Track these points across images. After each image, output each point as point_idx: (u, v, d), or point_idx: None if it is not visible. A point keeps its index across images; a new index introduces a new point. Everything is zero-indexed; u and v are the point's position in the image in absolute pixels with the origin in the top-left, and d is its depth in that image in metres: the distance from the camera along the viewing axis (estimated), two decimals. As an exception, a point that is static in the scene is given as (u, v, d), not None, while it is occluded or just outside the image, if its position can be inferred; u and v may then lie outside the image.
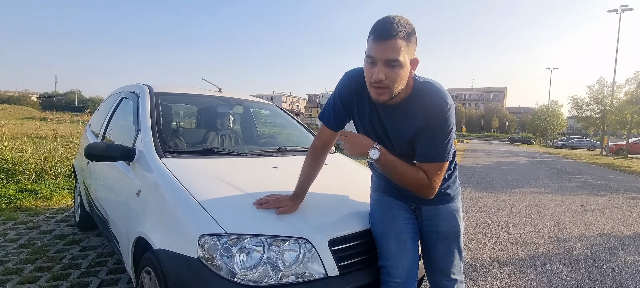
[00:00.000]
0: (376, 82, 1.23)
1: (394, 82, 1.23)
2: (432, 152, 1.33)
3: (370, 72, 1.24)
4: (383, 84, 1.23)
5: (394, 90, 1.25)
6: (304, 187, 1.56)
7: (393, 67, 1.20)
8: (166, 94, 2.50)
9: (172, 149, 1.98)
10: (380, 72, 1.21)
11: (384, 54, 1.19)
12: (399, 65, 1.20)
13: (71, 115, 15.69)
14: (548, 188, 8.03)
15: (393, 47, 1.18)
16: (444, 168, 1.37)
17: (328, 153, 1.66)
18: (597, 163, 16.96)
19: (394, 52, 1.18)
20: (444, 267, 1.56)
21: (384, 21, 1.20)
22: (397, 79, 1.22)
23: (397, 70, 1.21)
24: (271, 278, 1.30)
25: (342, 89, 1.46)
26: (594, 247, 3.85)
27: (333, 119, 1.51)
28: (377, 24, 1.22)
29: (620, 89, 25.66)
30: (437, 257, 1.56)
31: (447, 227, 1.53)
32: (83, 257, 2.81)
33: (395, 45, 1.18)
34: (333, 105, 1.50)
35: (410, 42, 1.22)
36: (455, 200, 1.57)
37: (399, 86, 1.25)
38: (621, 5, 26.48)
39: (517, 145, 41.61)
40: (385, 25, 1.19)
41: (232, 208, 1.46)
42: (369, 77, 1.25)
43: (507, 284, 2.83)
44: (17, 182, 4.94)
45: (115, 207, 2.17)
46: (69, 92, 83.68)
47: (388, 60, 1.19)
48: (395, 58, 1.19)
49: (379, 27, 1.20)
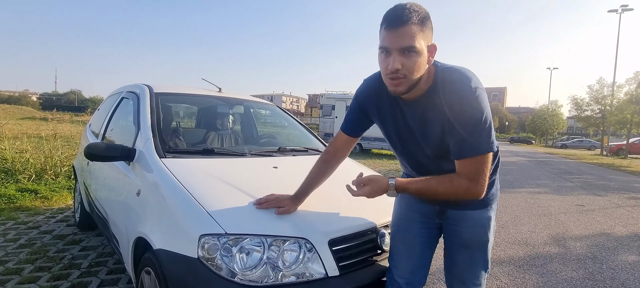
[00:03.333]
0: (393, 73, 1.15)
1: (411, 71, 1.14)
2: (466, 145, 1.19)
3: (386, 63, 1.16)
4: (400, 74, 1.14)
5: (412, 80, 1.16)
6: (307, 189, 1.54)
7: (409, 55, 1.12)
8: (166, 94, 2.50)
9: (172, 149, 1.98)
10: (396, 62, 1.13)
11: (397, 42, 1.11)
12: (415, 52, 1.12)
13: (71, 115, 15.68)
14: (548, 188, 8.03)
15: (407, 34, 1.10)
16: (486, 162, 1.20)
17: (340, 163, 1.60)
18: (597, 163, 16.95)
19: (408, 39, 1.11)
20: (462, 275, 1.46)
21: (395, 8, 1.13)
22: (415, 68, 1.14)
23: (414, 58, 1.13)
24: (271, 278, 1.29)
25: (360, 92, 1.42)
26: (594, 247, 3.85)
27: (349, 124, 1.48)
28: (388, 12, 1.14)
29: (620, 89, 25.64)
30: (456, 264, 1.47)
31: (471, 235, 1.41)
32: (83, 257, 2.81)
33: (409, 31, 1.10)
34: (351, 110, 1.47)
35: (425, 27, 1.14)
36: (488, 207, 1.41)
37: (417, 75, 1.16)
38: (621, 5, 26.48)
39: (517, 145, 41.58)
40: (396, 12, 1.12)
41: (232, 208, 1.46)
42: (385, 69, 1.17)
43: (507, 284, 2.83)
44: (17, 182, 4.94)
45: (115, 207, 2.17)
46: (69, 92, 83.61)
47: (403, 48, 1.12)
48: (410, 45, 1.11)
49: (390, 15, 1.13)
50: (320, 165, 1.57)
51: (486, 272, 1.47)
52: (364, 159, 11.33)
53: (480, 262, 1.44)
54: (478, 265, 1.44)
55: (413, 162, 1.43)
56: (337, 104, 15.32)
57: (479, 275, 1.45)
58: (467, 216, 1.40)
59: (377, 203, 1.80)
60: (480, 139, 1.18)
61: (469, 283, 1.46)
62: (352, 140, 1.54)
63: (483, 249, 1.43)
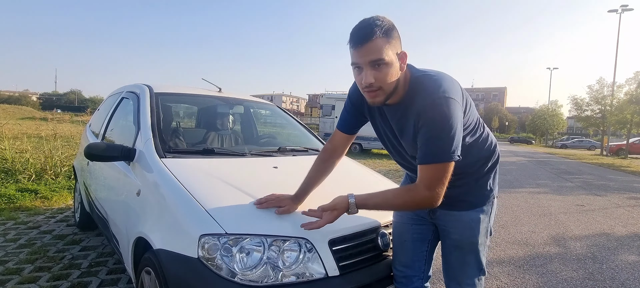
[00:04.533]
0: (367, 87, 1.20)
1: (384, 82, 1.19)
2: (425, 151, 1.20)
3: (359, 78, 1.21)
4: (374, 86, 1.19)
5: (388, 90, 1.21)
6: (306, 189, 1.54)
7: (379, 68, 1.17)
8: (166, 94, 2.50)
9: (172, 149, 1.98)
10: (368, 76, 1.17)
11: (366, 57, 1.16)
12: (384, 64, 1.16)
13: (71, 115, 15.68)
14: (548, 188, 8.03)
15: (373, 49, 1.14)
16: (444, 171, 1.19)
17: (338, 161, 1.62)
18: (597, 163, 16.96)
19: (375, 53, 1.15)
20: (457, 276, 1.48)
21: (358, 26, 1.17)
22: (387, 78, 1.18)
23: (384, 69, 1.17)
24: (271, 278, 1.29)
25: (353, 91, 1.46)
26: (594, 247, 3.85)
27: (345, 122, 1.51)
28: (353, 30, 1.18)
29: (620, 89, 25.68)
30: (450, 264, 1.50)
31: (460, 236, 1.43)
32: (83, 257, 2.81)
33: (375, 46, 1.14)
34: (345, 108, 1.51)
35: (391, 38, 1.17)
36: (477, 209, 1.41)
37: (391, 85, 1.21)
38: (621, 5, 26.48)
39: (517, 145, 41.59)
40: (361, 30, 1.16)
41: (232, 208, 1.46)
42: (360, 84, 1.22)
43: (507, 284, 2.83)
44: (17, 182, 4.94)
45: (115, 207, 2.17)
46: (69, 92, 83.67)
47: (372, 61, 1.16)
48: (378, 58, 1.15)
49: (355, 33, 1.17)
50: (319, 164, 1.58)
51: (481, 275, 1.48)
52: (364, 159, 11.33)
53: (472, 263, 1.45)
54: (470, 267, 1.45)
55: (401, 159, 1.48)
56: (337, 104, 15.34)
57: (473, 277, 1.46)
58: (455, 217, 1.42)
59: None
60: (441, 147, 1.17)
61: (464, 284, 1.47)
62: (349, 137, 1.56)
63: (474, 251, 1.43)
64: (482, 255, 1.46)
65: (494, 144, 1.44)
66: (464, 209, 1.40)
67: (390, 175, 7.77)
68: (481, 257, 1.45)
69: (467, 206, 1.40)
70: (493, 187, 1.45)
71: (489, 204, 1.44)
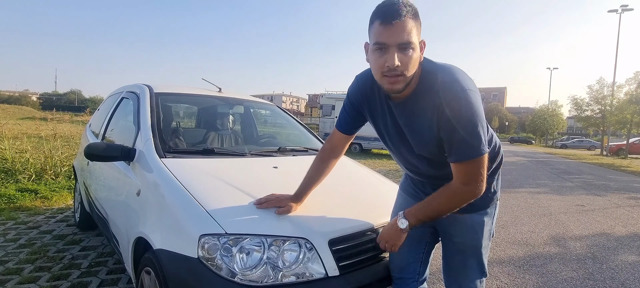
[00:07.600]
0: (391, 70, 1.09)
1: (407, 69, 1.10)
2: (457, 150, 1.15)
3: (381, 61, 1.10)
4: (397, 71, 1.09)
5: (408, 77, 1.12)
6: (306, 189, 1.54)
7: (406, 51, 1.08)
8: (166, 94, 2.50)
9: (172, 149, 1.98)
10: (394, 58, 1.07)
11: (395, 37, 1.06)
12: (412, 47, 1.08)
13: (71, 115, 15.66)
14: (548, 188, 8.03)
15: (404, 28, 1.06)
16: (481, 164, 1.16)
17: (337, 160, 1.60)
18: (597, 163, 16.95)
19: (406, 34, 1.06)
20: (458, 279, 1.47)
21: (388, 2, 1.08)
22: (411, 65, 1.10)
23: (411, 53, 1.09)
24: (271, 278, 1.29)
25: (352, 90, 1.41)
26: (593, 247, 3.85)
27: (343, 121, 1.48)
28: (380, 6, 1.09)
29: (620, 89, 25.66)
30: (451, 267, 1.48)
31: (463, 239, 1.40)
32: (83, 257, 2.81)
33: (406, 25, 1.06)
34: (344, 107, 1.47)
35: (417, 22, 1.10)
36: (480, 211, 1.38)
37: (412, 72, 1.12)
38: (621, 5, 26.48)
39: (517, 145, 41.58)
40: (392, 6, 1.07)
41: (232, 208, 1.46)
42: (381, 66, 1.11)
43: (507, 284, 2.83)
44: (17, 182, 4.94)
45: (115, 207, 2.17)
46: (69, 92, 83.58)
47: (402, 43, 1.07)
48: (408, 41, 1.07)
49: (385, 9, 1.08)
50: (318, 163, 1.57)
51: (483, 277, 1.47)
52: (364, 159, 11.33)
53: (474, 266, 1.43)
54: (472, 270, 1.44)
55: (403, 160, 1.44)
56: (337, 104, 15.35)
57: (474, 279, 1.45)
58: (458, 220, 1.38)
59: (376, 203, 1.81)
60: (474, 140, 1.13)
61: (465, 287, 1.46)
62: (348, 137, 1.53)
63: (476, 254, 1.42)
64: (484, 257, 1.44)
65: (498, 145, 1.41)
66: (468, 212, 1.35)
67: (391, 175, 7.77)
68: (483, 260, 1.44)
69: (471, 209, 1.33)
70: (496, 189, 1.44)
71: (492, 206, 1.42)
